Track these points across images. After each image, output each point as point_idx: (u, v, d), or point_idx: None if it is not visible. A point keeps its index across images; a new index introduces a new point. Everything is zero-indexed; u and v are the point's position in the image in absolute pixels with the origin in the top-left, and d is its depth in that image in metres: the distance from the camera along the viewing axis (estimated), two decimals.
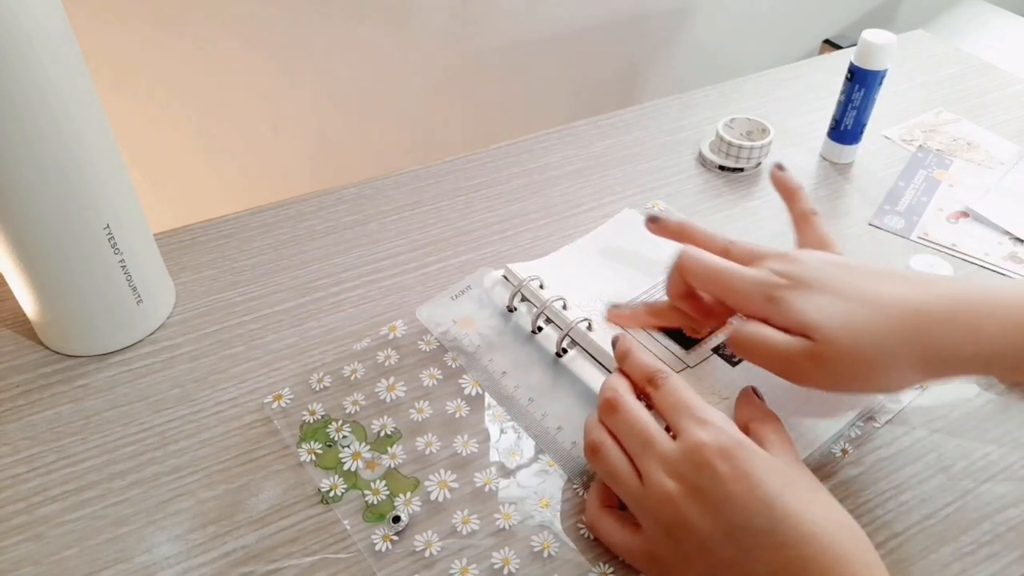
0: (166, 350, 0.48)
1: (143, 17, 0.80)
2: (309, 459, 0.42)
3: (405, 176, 0.63)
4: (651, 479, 0.35)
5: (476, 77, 1.06)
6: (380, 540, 0.39)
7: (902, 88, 0.76)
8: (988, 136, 0.69)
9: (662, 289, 0.50)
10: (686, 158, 0.66)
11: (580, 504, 0.41)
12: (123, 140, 0.46)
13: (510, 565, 0.38)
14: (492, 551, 0.38)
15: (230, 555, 0.38)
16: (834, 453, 0.43)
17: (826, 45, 1.31)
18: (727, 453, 0.34)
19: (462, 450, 0.43)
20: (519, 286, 0.49)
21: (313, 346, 0.49)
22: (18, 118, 0.38)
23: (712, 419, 0.36)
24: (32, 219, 0.41)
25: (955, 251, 0.57)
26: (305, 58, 0.92)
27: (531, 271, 0.51)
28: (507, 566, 0.38)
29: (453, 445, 0.43)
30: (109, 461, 0.42)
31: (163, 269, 0.51)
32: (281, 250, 0.56)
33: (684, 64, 1.23)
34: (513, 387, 0.46)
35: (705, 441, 0.35)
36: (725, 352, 0.47)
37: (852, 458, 0.43)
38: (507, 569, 0.38)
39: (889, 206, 0.61)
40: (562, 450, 0.43)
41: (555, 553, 0.38)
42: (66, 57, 0.39)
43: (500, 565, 0.38)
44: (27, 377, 0.47)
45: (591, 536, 0.39)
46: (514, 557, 0.38)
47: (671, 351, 0.47)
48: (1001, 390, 0.47)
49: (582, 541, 0.39)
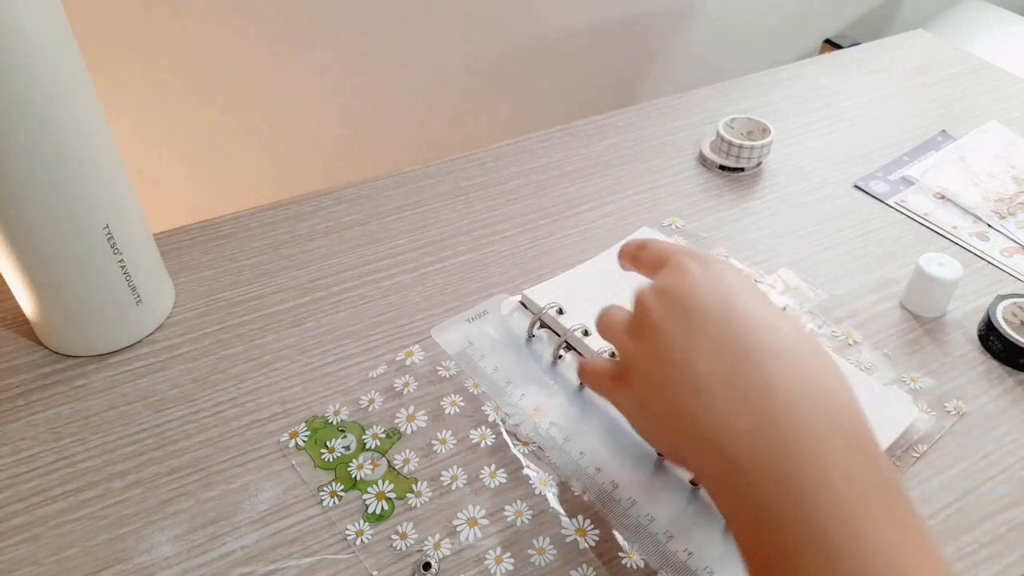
0: (165, 350, 0.48)
1: (143, 16, 0.80)
2: (332, 503, 0.40)
3: (405, 176, 0.63)
4: (636, 299, 0.36)
5: (477, 78, 1.05)
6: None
7: (902, 89, 0.76)
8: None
9: None
10: (686, 158, 0.66)
11: (612, 546, 0.41)
12: (122, 140, 0.46)
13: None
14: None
15: (230, 555, 0.38)
16: None
17: (826, 45, 1.31)
18: (701, 258, 0.36)
19: (489, 482, 0.41)
20: (538, 314, 0.49)
21: (312, 347, 0.49)
22: (17, 119, 0.38)
23: (695, 249, 0.38)
24: (32, 219, 0.41)
25: (926, 220, 0.59)
26: (305, 58, 0.92)
27: (548, 294, 0.50)
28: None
29: (480, 477, 0.42)
30: (108, 461, 0.42)
31: (163, 269, 0.51)
32: (281, 250, 0.56)
33: (684, 64, 1.23)
34: (548, 425, 0.44)
35: (682, 252, 0.37)
36: None
37: None
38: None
39: (882, 173, 0.63)
40: (586, 475, 0.42)
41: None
42: (65, 57, 0.39)
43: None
44: (27, 377, 0.46)
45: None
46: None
47: None
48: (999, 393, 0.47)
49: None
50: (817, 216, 0.60)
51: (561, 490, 0.41)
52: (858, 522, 0.26)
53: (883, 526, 0.27)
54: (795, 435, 0.29)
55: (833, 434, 0.29)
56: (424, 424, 0.44)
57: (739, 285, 0.34)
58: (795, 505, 0.27)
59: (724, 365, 0.31)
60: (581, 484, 0.41)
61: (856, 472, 0.28)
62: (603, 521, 0.40)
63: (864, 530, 0.26)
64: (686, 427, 0.32)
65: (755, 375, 0.31)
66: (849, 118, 0.72)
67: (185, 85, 0.87)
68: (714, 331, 0.32)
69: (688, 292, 0.34)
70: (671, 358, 0.33)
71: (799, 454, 0.28)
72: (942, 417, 0.45)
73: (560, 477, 0.42)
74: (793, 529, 0.27)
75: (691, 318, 0.33)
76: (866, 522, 0.26)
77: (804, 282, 0.54)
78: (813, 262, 0.56)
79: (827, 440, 0.28)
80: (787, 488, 0.28)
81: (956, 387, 0.47)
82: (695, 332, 0.33)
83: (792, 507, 0.27)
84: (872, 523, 0.27)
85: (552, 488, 0.41)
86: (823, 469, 0.28)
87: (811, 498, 0.27)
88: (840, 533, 0.26)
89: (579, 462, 0.42)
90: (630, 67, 1.19)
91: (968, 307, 0.52)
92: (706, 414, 0.31)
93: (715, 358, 0.32)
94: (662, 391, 0.33)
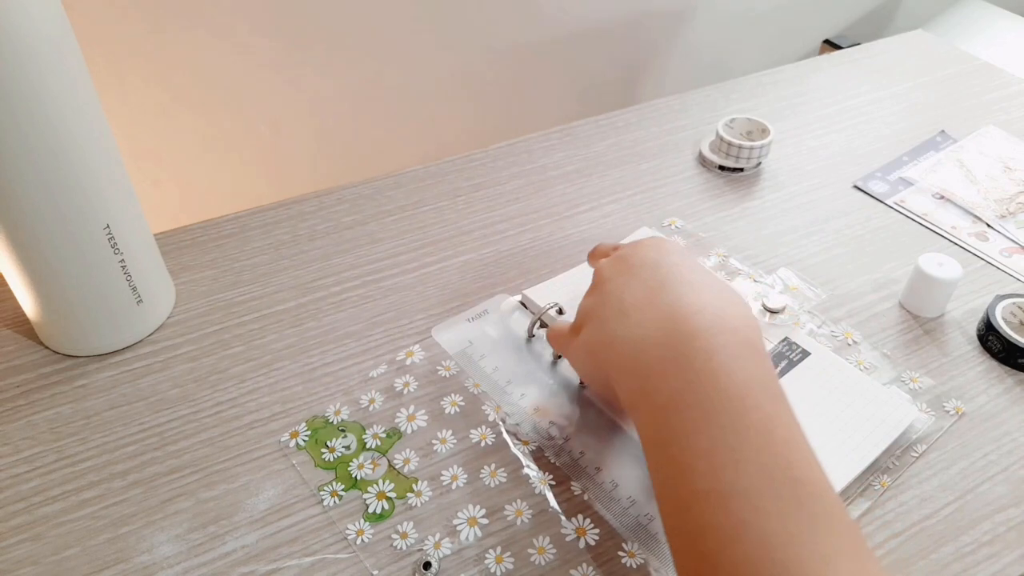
0: (166, 350, 0.48)
1: (142, 16, 0.80)
2: (332, 502, 0.40)
3: (405, 176, 0.63)
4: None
5: (477, 77, 1.06)
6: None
7: (902, 89, 0.76)
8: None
9: None
10: (686, 158, 0.66)
11: (611, 540, 0.41)
12: (123, 140, 0.46)
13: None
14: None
15: (230, 555, 0.38)
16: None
17: (826, 45, 1.31)
18: (654, 242, 0.42)
19: (489, 481, 0.42)
20: (539, 315, 0.49)
21: (313, 346, 0.49)
22: (17, 119, 0.38)
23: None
24: (32, 219, 0.41)
25: (925, 220, 0.59)
26: (306, 58, 0.92)
27: (547, 295, 0.50)
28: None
29: (480, 477, 0.42)
30: (109, 461, 0.42)
31: (163, 269, 0.51)
32: (281, 250, 0.56)
33: (684, 64, 1.23)
34: (548, 424, 0.44)
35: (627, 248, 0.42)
36: None
37: None
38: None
39: (881, 174, 0.63)
40: (586, 475, 0.42)
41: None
42: (66, 57, 0.39)
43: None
44: (27, 377, 0.47)
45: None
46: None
47: None
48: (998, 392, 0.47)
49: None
50: (817, 216, 0.60)
51: (561, 489, 0.41)
52: (739, 401, 0.32)
53: (761, 400, 0.33)
54: (696, 340, 0.34)
55: (729, 339, 0.34)
56: (424, 424, 0.44)
57: (678, 252, 0.41)
58: (692, 392, 0.33)
59: (646, 294, 0.38)
60: (581, 483, 0.41)
61: (744, 367, 0.34)
62: (603, 520, 0.40)
63: (745, 405, 0.32)
64: (614, 350, 0.38)
65: (670, 298, 0.37)
66: (849, 118, 0.72)
67: (186, 85, 0.87)
68: (645, 274, 0.39)
69: (633, 252, 0.41)
70: (609, 300, 0.39)
71: (697, 353, 0.34)
72: (941, 417, 0.45)
73: (560, 476, 0.42)
74: (692, 413, 0.33)
75: (630, 268, 0.40)
76: (747, 399, 0.32)
77: (803, 282, 0.54)
78: (813, 262, 0.56)
79: (723, 344, 0.34)
80: (688, 380, 0.33)
81: (955, 387, 0.47)
82: (631, 278, 0.39)
83: (690, 395, 0.33)
84: (753, 400, 0.33)
85: (552, 487, 0.41)
86: (717, 364, 0.33)
87: (706, 385, 0.33)
88: (727, 411, 0.32)
89: (579, 461, 0.42)
90: (630, 67, 1.19)
91: (967, 307, 0.52)
92: (627, 332, 0.37)
93: (639, 292, 0.38)
94: (601, 325, 0.39)
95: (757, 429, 0.31)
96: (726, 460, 0.31)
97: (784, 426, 0.32)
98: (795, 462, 0.31)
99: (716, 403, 0.32)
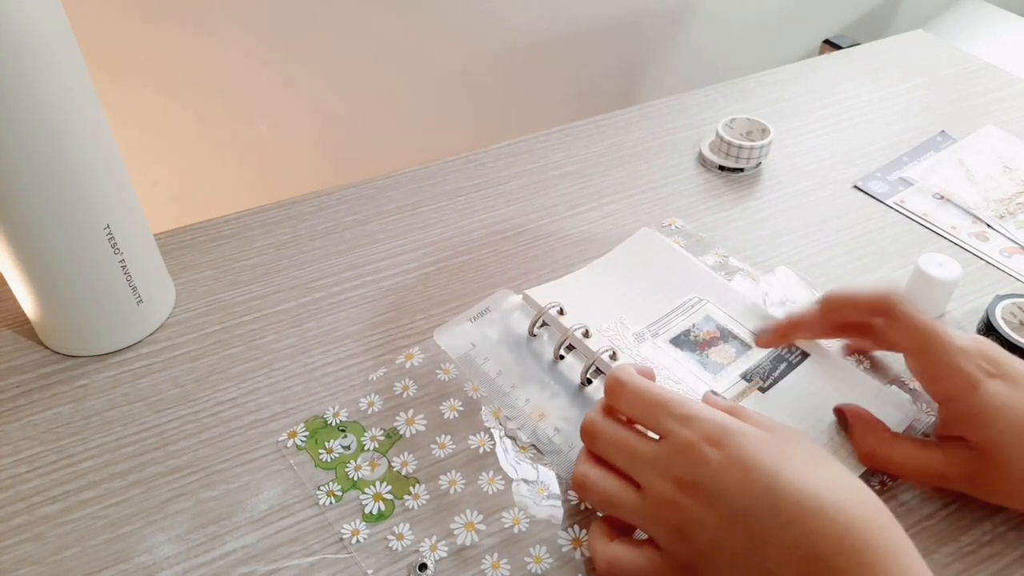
0: (166, 350, 0.48)
1: (142, 15, 0.80)
2: (329, 502, 0.40)
3: (405, 176, 0.63)
4: (647, 485, 0.35)
5: (477, 77, 1.06)
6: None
7: (901, 89, 0.76)
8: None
9: (684, 311, 0.50)
10: (686, 158, 0.66)
11: None
12: (123, 140, 0.46)
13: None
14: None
15: (230, 555, 0.38)
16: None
17: (826, 45, 1.31)
18: (716, 441, 0.34)
19: (487, 488, 0.41)
20: (540, 313, 0.48)
21: (312, 347, 0.49)
22: (17, 119, 0.38)
23: (692, 412, 0.35)
24: (32, 219, 0.41)
25: (925, 220, 0.59)
26: (305, 58, 0.92)
27: (550, 295, 0.50)
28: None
29: (478, 483, 0.42)
30: (109, 461, 0.42)
31: (163, 269, 0.51)
32: (281, 250, 0.56)
33: (684, 64, 1.23)
34: (553, 431, 0.44)
35: (690, 437, 0.34)
36: (753, 377, 0.46)
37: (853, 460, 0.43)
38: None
39: (881, 174, 0.63)
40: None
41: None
42: (65, 57, 0.39)
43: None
44: (27, 377, 0.47)
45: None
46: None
47: (697, 375, 0.46)
48: None
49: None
50: (816, 216, 0.60)
51: (559, 499, 0.41)
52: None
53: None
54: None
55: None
56: (423, 428, 0.44)
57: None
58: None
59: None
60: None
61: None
62: None
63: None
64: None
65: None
66: (848, 118, 0.72)
67: (185, 85, 0.87)
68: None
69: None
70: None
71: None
72: None
73: (558, 483, 0.42)
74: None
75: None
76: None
77: (803, 282, 0.54)
78: (813, 262, 0.56)
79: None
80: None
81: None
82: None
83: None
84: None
85: (548, 495, 0.41)
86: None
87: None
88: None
89: (570, 455, 0.42)
90: (630, 67, 1.19)
91: (967, 307, 0.52)
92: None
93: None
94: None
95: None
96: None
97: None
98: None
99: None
